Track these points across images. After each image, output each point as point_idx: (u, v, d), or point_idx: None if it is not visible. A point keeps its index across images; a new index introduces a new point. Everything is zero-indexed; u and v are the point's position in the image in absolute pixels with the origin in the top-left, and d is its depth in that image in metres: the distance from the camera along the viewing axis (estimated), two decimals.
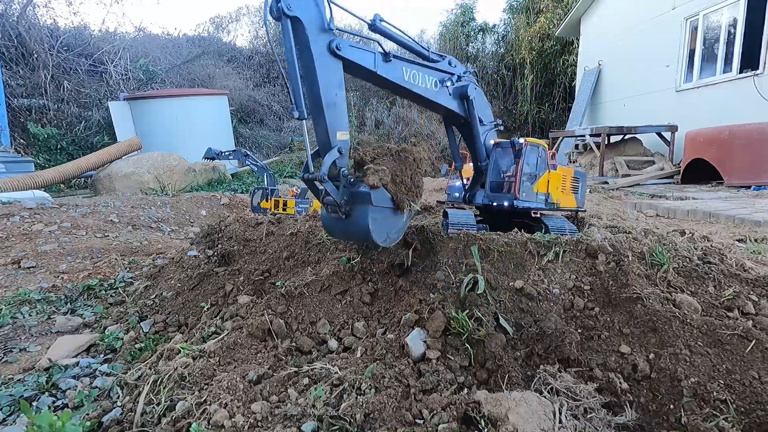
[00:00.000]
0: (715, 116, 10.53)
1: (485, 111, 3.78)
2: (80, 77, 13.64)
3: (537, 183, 3.75)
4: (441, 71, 3.38)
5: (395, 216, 2.72)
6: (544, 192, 3.79)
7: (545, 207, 3.83)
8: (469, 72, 3.61)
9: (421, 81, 3.24)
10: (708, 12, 11.42)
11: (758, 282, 2.62)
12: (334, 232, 2.85)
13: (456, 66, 3.49)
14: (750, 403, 1.81)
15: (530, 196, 3.72)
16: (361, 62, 2.84)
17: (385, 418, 1.76)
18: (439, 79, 3.36)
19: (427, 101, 3.44)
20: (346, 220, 2.62)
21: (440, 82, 3.37)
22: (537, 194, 3.76)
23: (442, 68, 3.40)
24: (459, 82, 3.49)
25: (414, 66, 3.19)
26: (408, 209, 2.79)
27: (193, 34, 20.21)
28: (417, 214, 3.69)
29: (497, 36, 21.76)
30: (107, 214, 6.35)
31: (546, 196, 3.80)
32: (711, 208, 6.52)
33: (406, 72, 3.14)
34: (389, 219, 2.68)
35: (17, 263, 4.42)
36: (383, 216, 2.62)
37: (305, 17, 2.52)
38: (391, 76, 3.05)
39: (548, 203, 3.83)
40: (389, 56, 2.98)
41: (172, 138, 11.90)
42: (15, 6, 13.04)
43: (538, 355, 2.24)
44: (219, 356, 2.23)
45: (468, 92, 3.51)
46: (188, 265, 3.58)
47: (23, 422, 1.99)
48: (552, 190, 3.82)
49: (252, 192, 7.13)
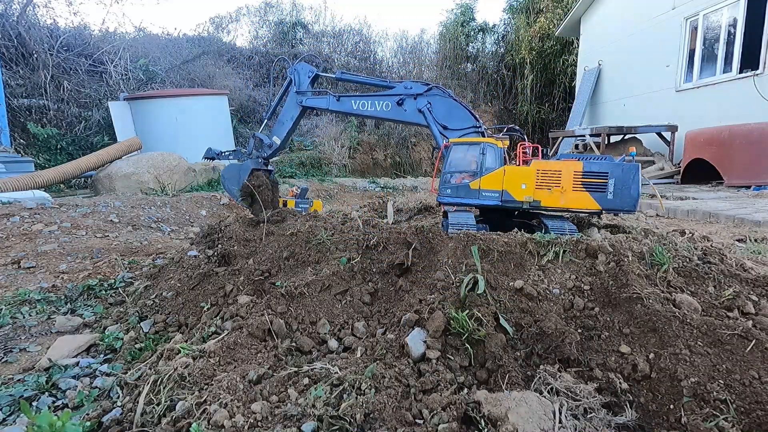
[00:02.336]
0: (715, 116, 10.53)
1: (454, 117, 4.39)
2: (80, 77, 13.63)
3: (479, 180, 3.82)
4: (395, 95, 4.50)
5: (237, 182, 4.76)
6: (494, 189, 3.75)
7: (501, 204, 3.76)
8: (431, 87, 4.46)
9: (370, 107, 4.57)
10: (708, 12, 11.42)
11: (758, 282, 2.62)
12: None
13: (412, 87, 4.49)
14: (750, 403, 1.81)
15: (463, 193, 3.89)
16: (318, 106, 4.69)
17: (385, 418, 1.76)
18: (393, 102, 4.51)
19: (384, 119, 5.16)
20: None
21: (394, 103, 4.50)
22: (480, 191, 3.81)
23: (396, 92, 4.51)
24: (417, 99, 4.41)
25: (363, 97, 4.59)
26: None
27: (193, 34, 20.20)
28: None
29: (497, 36, 21.74)
30: (107, 214, 6.35)
31: (500, 194, 3.75)
32: (711, 208, 6.52)
33: (354, 103, 4.61)
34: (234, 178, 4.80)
35: (17, 263, 4.42)
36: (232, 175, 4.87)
37: (295, 81, 4.83)
38: (341, 109, 4.68)
39: (506, 201, 3.73)
40: (338, 97, 4.59)
41: (172, 138, 11.89)
42: (15, 6, 13.03)
43: (538, 355, 2.24)
44: (219, 356, 2.23)
45: (418, 106, 4.39)
46: (188, 265, 3.58)
47: (23, 422, 1.99)
48: (508, 187, 3.73)
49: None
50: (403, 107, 4.46)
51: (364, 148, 16.42)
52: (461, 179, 3.91)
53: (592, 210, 3.67)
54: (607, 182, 3.56)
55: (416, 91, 4.41)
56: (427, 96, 4.38)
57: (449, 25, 21.26)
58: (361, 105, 4.58)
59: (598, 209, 3.61)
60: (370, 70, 20.63)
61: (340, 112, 4.78)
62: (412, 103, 4.43)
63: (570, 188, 3.63)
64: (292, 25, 20.95)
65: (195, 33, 20.46)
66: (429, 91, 4.40)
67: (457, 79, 20.44)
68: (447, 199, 3.95)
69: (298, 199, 6.36)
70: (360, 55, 20.94)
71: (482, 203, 3.84)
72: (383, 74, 20.55)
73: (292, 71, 4.68)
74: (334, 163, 14.91)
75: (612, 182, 3.55)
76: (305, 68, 4.68)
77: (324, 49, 20.58)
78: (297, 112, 4.71)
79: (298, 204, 6.15)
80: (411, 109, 4.46)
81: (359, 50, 21.04)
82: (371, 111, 4.57)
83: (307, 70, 4.68)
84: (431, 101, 4.38)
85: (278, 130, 4.77)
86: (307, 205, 6.20)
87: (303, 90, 4.66)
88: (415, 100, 4.40)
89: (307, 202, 6.28)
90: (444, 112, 4.38)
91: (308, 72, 4.67)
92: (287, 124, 4.72)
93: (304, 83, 4.67)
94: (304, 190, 6.41)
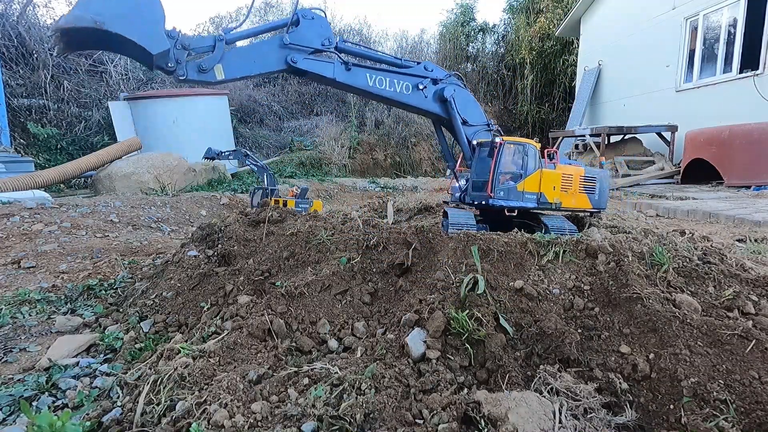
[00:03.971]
0: (715, 116, 10.53)
1: (471, 112, 3.96)
2: (80, 77, 13.64)
3: (524, 182, 3.74)
4: (414, 75, 3.65)
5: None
6: (534, 191, 3.77)
7: (537, 206, 3.81)
8: (451, 75, 3.85)
9: (388, 85, 3.56)
10: (708, 12, 11.42)
11: (758, 282, 2.62)
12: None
13: (433, 70, 3.74)
14: (750, 403, 1.81)
15: (512, 195, 3.72)
16: (319, 71, 3.28)
17: (385, 418, 1.76)
18: (412, 84, 3.64)
19: (400, 104, 3.80)
20: None
21: (414, 86, 3.65)
22: (524, 193, 3.75)
23: (416, 72, 3.67)
24: (438, 84, 3.72)
25: (380, 72, 3.52)
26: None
27: (193, 34, 20.22)
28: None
29: (497, 36, 21.76)
30: (107, 214, 6.35)
31: (538, 196, 3.78)
32: (711, 208, 6.53)
33: (370, 78, 3.49)
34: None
35: (17, 263, 4.42)
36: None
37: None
38: (352, 82, 3.43)
39: (541, 203, 3.80)
40: (349, 65, 3.34)
41: (172, 138, 11.89)
42: (15, 6, 13.04)
43: (538, 355, 2.24)
44: (219, 356, 2.23)
45: (445, 94, 3.71)
46: (188, 265, 3.58)
47: (23, 422, 1.99)
48: (545, 190, 3.79)
49: (252, 192, 7.14)
50: (423, 92, 3.70)
51: (364, 148, 16.42)
52: (504, 180, 3.79)
53: (587, 209, 4.07)
54: (596, 185, 4.03)
55: (437, 75, 3.74)
56: (449, 83, 3.80)
57: (449, 25, 21.27)
58: (378, 82, 3.52)
59: (591, 208, 4.07)
60: None
61: (347, 87, 3.54)
62: (432, 88, 3.74)
63: (577, 190, 3.94)
64: None
65: (195, 33, 20.44)
66: (449, 78, 3.84)
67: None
68: (500, 202, 3.71)
69: (298, 199, 6.36)
70: None
71: (524, 205, 3.75)
72: None
73: (304, 14, 3.15)
74: (334, 163, 14.91)
75: (598, 186, 4.04)
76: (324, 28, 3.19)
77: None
78: (276, 68, 3.23)
79: (298, 204, 6.15)
80: (431, 95, 3.75)
81: None
82: (389, 91, 3.58)
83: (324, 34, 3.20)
84: (456, 91, 3.78)
85: (231, 64, 2.98)
86: (307, 205, 6.20)
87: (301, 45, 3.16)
88: (435, 85, 3.75)
89: (307, 202, 6.28)
90: (463, 104, 3.87)
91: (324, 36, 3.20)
92: (245, 67, 3.05)
93: (311, 40, 3.20)
94: (304, 190, 6.42)
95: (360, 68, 3.42)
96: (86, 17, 2.47)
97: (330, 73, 3.31)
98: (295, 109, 18.56)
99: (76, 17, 2.49)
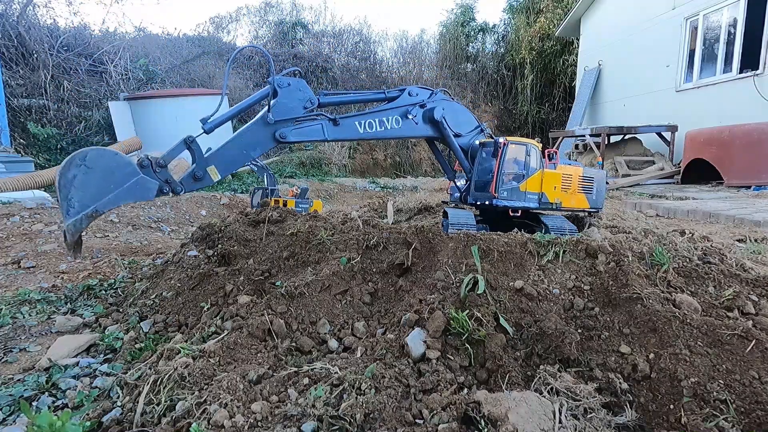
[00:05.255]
0: (715, 116, 10.53)
1: (462, 122, 3.98)
2: (80, 77, 13.63)
3: (526, 182, 3.74)
4: (401, 107, 3.61)
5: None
6: (535, 191, 3.78)
7: (539, 206, 3.82)
8: (436, 92, 3.81)
9: (378, 125, 3.54)
10: (708, 12, 11.42)
11: (758, 282, 2.62)
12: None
13: (418, 94, 3.71)
14: (750, 403, 1.81)
15: (515, 196, 3.72)
16: (310, 138, 3.24)
17: (385, 418, 1.76)
18: (400, 114, 3.61)
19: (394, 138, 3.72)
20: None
21: (403, 116, 3.61)
22: (526, 194, 3.75)
23: (402, 103, 3.64)
24: (426, 107, 3.69)
25: (368, 116, 3.48)
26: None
27: (193, 34, 20.19)
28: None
29: (497, 36, 21.75)
30: (107, 214, 6.35)
31: (539, 196, 3.79)
32: (711, 208, 6.52)
33: (360, 125, 3.47)
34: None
35: (17, 263, 4.42)
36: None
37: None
38: (344, 135, 3.43)
39: (542, 203, 3.81)
40: (337, 120, 3.28)
41: (172, 138, 11.72)
42: (15, 6, 13.03)
43: (538, 355, 2.24)
44: (219, 356, 2.23)
45: (435, 116, 3.67)
46: (188, 265, 3.58)
47: (23, 422, 1.99)
48: (546, 190, 3.80)
49: (252, 192, 7.12)
50: (413, 120, 3.68)
51: (364, 148, 16.42)
52: (508, 180, 3.80)
53: (585, 209, 4.10)
54: (593, 186, 4.08)
55: (423, 98, 3.73)
56: (435, 102, 3.78)
57: (449, 25, 21.26)
58: (368, 126, 3.49)
59: (589, 208, 4.11)
60: (370, 70, 20.63)
61: (340, 140, 3.59)
62: (420, 112, 3.71)
63: (576, 190, 3.97)
64: (292, 25, 20.94)
65: (195, 33, 20.44)
66: (434, 96, 3.83)
67: (457, 79, 20.44)
68: (503, 202, 3.73)
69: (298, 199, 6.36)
70: (360, 55, 20.94)
71: (526, 205, 3.77)
72: (383, 74, 20.54)
73: (279, 83, 3.04)
74: (334, 163, 14.90)
75: (595, 186, 4.08)
76: (303, 91, 3.08)
77: (324, 49, 20.57)
78: (269, 146, 3.20)
79: (298, 204, 6.14)
80: (421, 120, 3.73)
81: (359, 50, 21.04)
82: (381, 132, 3.58)
83: (305, 97, 3.09)
84: (445, 108, 3.77)
85: (224, 160, 2.89)
86: (307, 205, 6.19)
87: (286, 118, 3.04)
88: (422, 108, 3.73)
89: (307, 202, 6.27)
90: (453, 119, 3.88)
91: (305, 100, 3.11)
92: (241, 159, 3.01)
93: (293, 109, 3.09)
94: (304, 190, 6.41)
95: (348, 119, 3.39)
96: (82, 221, 2.45)
97: (321, 136, 3.29)
98: None
99: (75, 228, 2.43)
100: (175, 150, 2.60)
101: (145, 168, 2.53)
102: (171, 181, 2.64)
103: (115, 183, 2.34)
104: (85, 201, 2.28)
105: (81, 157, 2.24)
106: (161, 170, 2.58)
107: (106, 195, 2.33)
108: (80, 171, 2.24)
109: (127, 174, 2.38)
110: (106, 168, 2.30)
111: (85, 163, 2.24)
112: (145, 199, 2.51)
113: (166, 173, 2.55)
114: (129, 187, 2.38)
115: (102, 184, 2.30)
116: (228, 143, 2.88)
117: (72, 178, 2.24)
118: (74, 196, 2.26)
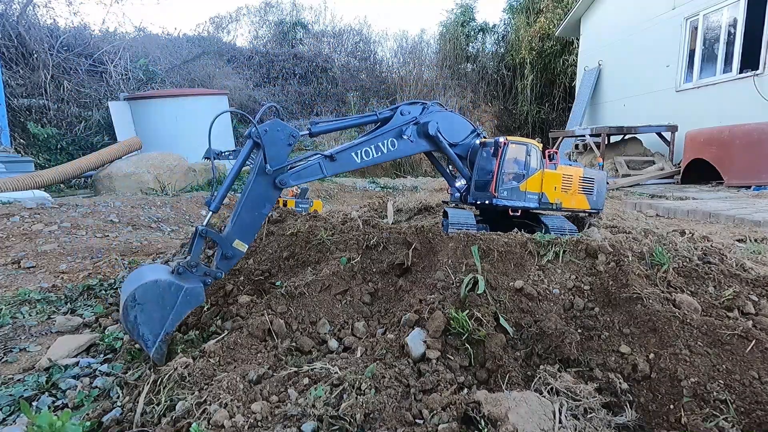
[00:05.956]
0: (715, 116, 10.53)
1: (457, 131, 3.90)
2: (80, 77, 13.64)
3: (526, 182, 3.75)
4: (395, 128, 3.55)
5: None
6: (535, 191, 3.78)
7: (539, 207, 3.82)
8: (429, 105, 3.74)
9: (375, 151, 3.49)
10: (708, 12, 11.42)
11: (758, 282, 2.62)
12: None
13: (410, 112, 3.64)
14: (750, 403, 1.81)
15: (515, 195, 3.73)
16: (310, 178, 3.23)
17: (385, 418, 1.76)
18: (395, 136, 3.55)
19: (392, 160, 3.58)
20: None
21: (398, 137, 3.56)
22: (526, 193, 3.76)
23: (396, 124, 3.57)
24: (419, 123, 3.63)
25: (363, 144, 3.44)
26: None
27: (193, 34, 20.22)
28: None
29: (497, 36, 21.77)
30: (107, 214, 6.35)
31: (539, 196, 3.79)
32: (711, 208, 6.52)
33: (357, 156, 3.42)
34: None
35: (17, 263, 4.42)
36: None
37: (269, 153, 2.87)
38: (343, 169, 3.40)
39: (542, 203, 3.81)
40: (333, 156, 3.26)
41: (172, 138, 11.88)
42: (15, 6, 13.04)
43: (538, 355, 2.24)
44: (219, 356, 2.24)
45: (429, 131, 3.62)
46: None
47: (23, 422, 1.99)
48: (546, 190, 3.80)
49: None
50: (408, 139, 3.60)
51: None
52: (508, 179, 3.82)
53: (585, 210, 4.08)
54: (594, 186, 4.05)
55: (415, 115, 3.66)
56: (428, 116, 3.72)
57: (449, 25, 21.27)
58: (365, 154, 3.44)
59: (589, 209, 4.10)
60: (370, 70, 20.64)
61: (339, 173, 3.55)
62: (414, 130, 3.63)
63: (576, 191, 3.95)
64: (292, 25, 20.96)
65: (195, 33, 20.47)
66: (427, 110, 3.75)
67: (457, 79, 20.44)
68: (503, 201, 3.75)
69: (298, 199, 6.36)
70: (360, 55, 20.95)
71: (526, 205, 3.78)
72: (383, 74, 20.54)
73: (261, 134, 2.80)
74: None
75: (596, 187, 4.06)
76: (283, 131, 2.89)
77: (324, 49, 20.58)
78: (275, 198, 3.04)
79: (298, 204, 6.14)
80: (416, 137, 3.67)
81: (359, 50, 21.05)
82: (378, 157, 3.55)
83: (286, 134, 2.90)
84: (438, 121, 3.72)
85: (243, 229, 2.79)
86: (307, 205, 6.19)
87: (279, 166, 2.85)
88: (416, 126, 3.66)
89: (307, 202, 6.27)
90: (448, 129, 3.84)
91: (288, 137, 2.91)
92: (258, 220, 2.89)
93: (281, 155, 2.88)
94: (304, 190, 6.41)
95: (344, 152, 3.37)
96: (161, 347, 2.48)
97: (320, 174, 3.25)
98: (295, 109, 18.56)
99: (160, 355, 2.46)
100: (196, 246, 2.62)
101: (183, 275, 2.57)
102: (209, 272, 2.65)
103: (170, 305, 2.46)
104: (155, 330, 2.42)
105: (131, 299, 2.37)
106: (197, 268, 2.61)
107: (167, 317, 2.45)
108: (137, 311, 2.38)
109: (173, 293, 2.47)
110: (156, 298, 2.42)
111: (137, 302, 2.38)
112: (199, 304, 2.60)
113: (202, 268, 2.62)
114: (182, 302, 2.49)
115: (160, 311, 2.43)
116: (239, 212, 2.81)
117: (135, 320, 2.38)
118: (144, 332, 2.40)
